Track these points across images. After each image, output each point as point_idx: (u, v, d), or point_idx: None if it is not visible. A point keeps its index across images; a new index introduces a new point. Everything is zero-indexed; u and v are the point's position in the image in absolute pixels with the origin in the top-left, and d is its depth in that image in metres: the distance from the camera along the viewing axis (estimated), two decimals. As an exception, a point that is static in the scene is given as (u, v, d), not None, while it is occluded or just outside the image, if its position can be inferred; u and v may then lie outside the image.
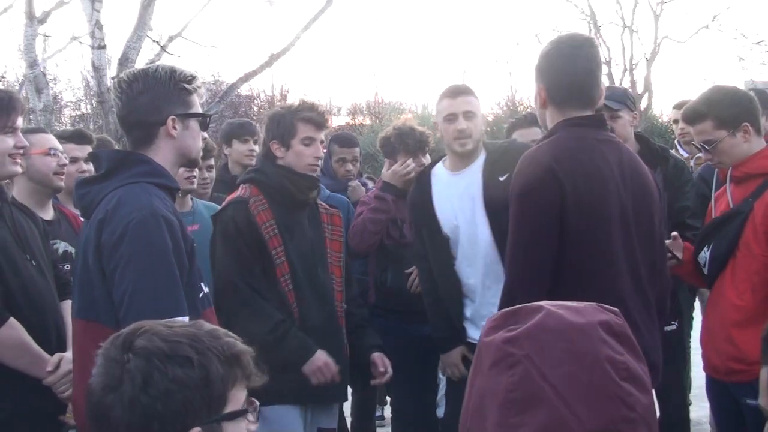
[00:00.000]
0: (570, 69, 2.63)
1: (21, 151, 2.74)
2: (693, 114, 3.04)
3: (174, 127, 2.33)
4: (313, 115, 3.26)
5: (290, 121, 3.25)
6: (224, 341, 1.35)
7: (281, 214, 3.19)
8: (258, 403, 1.39)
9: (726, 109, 2.97)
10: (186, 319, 2.02)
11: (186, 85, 2.36)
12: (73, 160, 3.54)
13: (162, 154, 2.34)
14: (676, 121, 5.39)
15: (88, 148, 3.65)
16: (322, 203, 3.48)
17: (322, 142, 3.32)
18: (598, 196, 2.54)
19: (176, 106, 2.34)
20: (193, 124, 2.39)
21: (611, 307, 1.14)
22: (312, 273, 3.22)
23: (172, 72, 2.35)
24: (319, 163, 3.30)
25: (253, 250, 3.11)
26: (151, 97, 2.32)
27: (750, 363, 2.84)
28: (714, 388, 3.11)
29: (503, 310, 1.15)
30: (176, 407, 1.28)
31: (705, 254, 3.05)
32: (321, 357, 3.09)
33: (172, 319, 1.40)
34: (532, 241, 2.55)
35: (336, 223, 3.40)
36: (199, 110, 2.42)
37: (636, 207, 2.62)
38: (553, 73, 2.65)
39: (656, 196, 2.75)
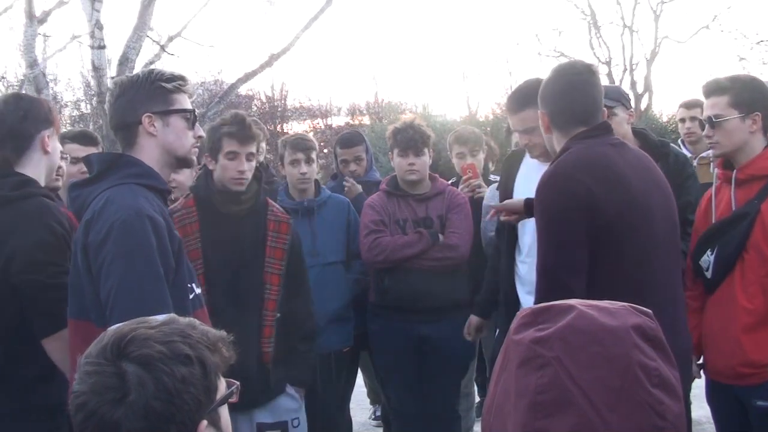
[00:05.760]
0: (572, 96, 2.71)
1: None
2: (715, 85, 3.04)
3: (152, 125, 2.36)
4: (235, 130, 3.33)
5: (218, 136, 3.34)
6: (201, 330, 1.36)
7: (210, 226, 3.28)
8: (238, 383, 1.42)
9: (747, 92, 2.97)
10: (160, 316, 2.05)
11: (164, 84, 2.38)
12: (75, 160, 3.55)
13: (146, 153, 2.37)
14: (682, 120, 5.36)
15: (93, 149, 3.66)
16: (275, 209, 3.49)
17: (252, 155, 3.36)
18: (625, 199, 2.56)
19: (152, 105, 2.37)
20: (176, 121, 2.40)
21: (644, 309, 1.12)
22: (234, 284, 3.26)
23: (149, 72, 2.40)
24: (244, 176, 3.33)
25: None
26: (127, 98, 2.37)
27: (761, 366, 2.84)
28: (716, 391, 3.08)
29: (533, 307, 1.13)
30: (187, 406, 1.28)
31: (709, 257, 3.01)
32: None
33: (142, 318, 1.38)
34: (559, 251, 2.55)
35: (282, 231, 3.43)
36: (184, 107, 2.42)
37: (660, 202, 2.66)
38: (555, 99, 2.74)
39: (671, 191, 2.79)
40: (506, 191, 3.64)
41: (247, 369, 3.22)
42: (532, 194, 3.40)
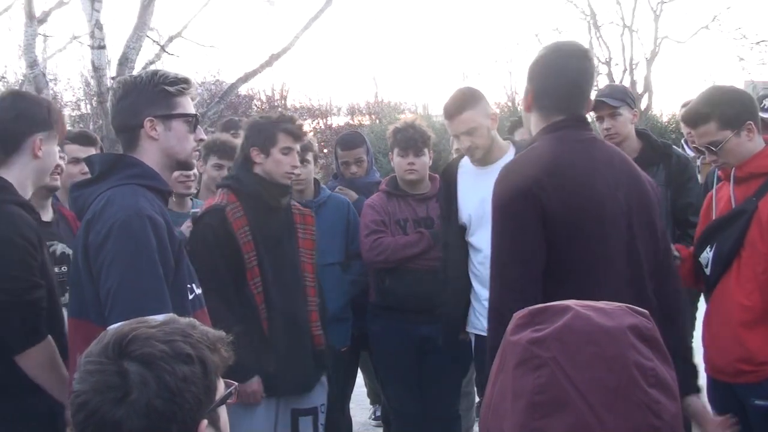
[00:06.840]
0: (559, 79, 2.55)
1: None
2: (695, 116, 2.99)
3: (154, 129, 2.35)
4: (292, 127, 3.50)
5: (271, 131, 3.47)
6: (201, 330, 1.37)
7: (255, 220, 3.39)
8: (236, 384, 1.43)
9: (729, 109, 2.93)
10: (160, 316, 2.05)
11: (167, 87, 2.36)
12: (75, 161, 3.55)
13: (148, 156, 2.37)
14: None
15: (93, 150, 3.67)
16: (296, 204, 3.65)
17: (298, 152, 3.54)
18: (586, 198, 2.45)
19: (155, 108, 2.35)
20: (178, 125, 2.39)
21: (641, 309, 1.12)
22: (281, 275, 3.41)
23: (152, 75, 2.38)
24: (296, 171, 3.55)
25: (229, 257, 3.30)
26: (130, 101, 2.36)
27: (758, 363, 2.83)
28: (717, 389, 3.06)
29: (530, 308, 1.12)
30: (189, 405, 1.28)
31: (708, 254, 3.01)
32: (251, 385, 3.29)
33: (142, 318, 1.38)
34: (513, 256, 2.43)
35: (308, 223, 3.59)
36: (186, 111, 2.41)
37: (632, 200, 2.53)
38: (542, 79, 2.58)
39: (649, 188, 2.65)
40: (449, 203, 3.72)
41: (306, 353, 3.42)
42: (475, 202, 3.47)
